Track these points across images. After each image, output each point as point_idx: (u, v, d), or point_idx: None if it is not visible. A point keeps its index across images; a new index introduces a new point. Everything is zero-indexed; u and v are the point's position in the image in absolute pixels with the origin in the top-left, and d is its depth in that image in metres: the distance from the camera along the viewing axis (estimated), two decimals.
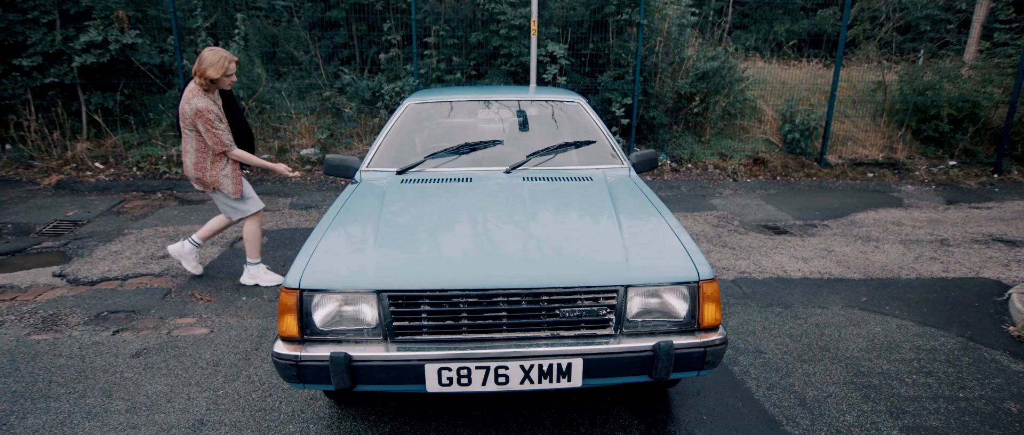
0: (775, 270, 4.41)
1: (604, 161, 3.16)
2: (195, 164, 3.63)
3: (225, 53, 3.50)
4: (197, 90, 3.49)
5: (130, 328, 3.35)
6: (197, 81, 3.49)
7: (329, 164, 3.14)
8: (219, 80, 3.50)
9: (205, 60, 3.45)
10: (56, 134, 7.09)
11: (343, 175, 3.11)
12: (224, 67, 3.47)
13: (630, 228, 2.29)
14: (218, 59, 3.45)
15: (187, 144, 3.61)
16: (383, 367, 1.89)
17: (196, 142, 3.57)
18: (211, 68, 3.43)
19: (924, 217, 5.99)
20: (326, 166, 3.14)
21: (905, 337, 3.39)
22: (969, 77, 8.54)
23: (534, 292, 1.94)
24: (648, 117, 7.68)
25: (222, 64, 3.46)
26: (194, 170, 3.65)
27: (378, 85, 7.53)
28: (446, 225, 2.32)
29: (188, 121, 3.50)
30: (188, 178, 3.70)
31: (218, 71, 3.45)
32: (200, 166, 3.62)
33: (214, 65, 3.44)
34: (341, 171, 3.11)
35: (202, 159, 3.61)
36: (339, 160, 3.12)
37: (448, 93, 3.78)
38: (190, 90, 3.51)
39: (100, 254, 4.57)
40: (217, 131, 3.50)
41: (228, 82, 3.56)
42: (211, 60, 3.44)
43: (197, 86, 3.50)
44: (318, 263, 2.02)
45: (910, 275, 4.38)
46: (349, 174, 3.07)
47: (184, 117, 3.51)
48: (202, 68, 3.45)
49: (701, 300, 1.99)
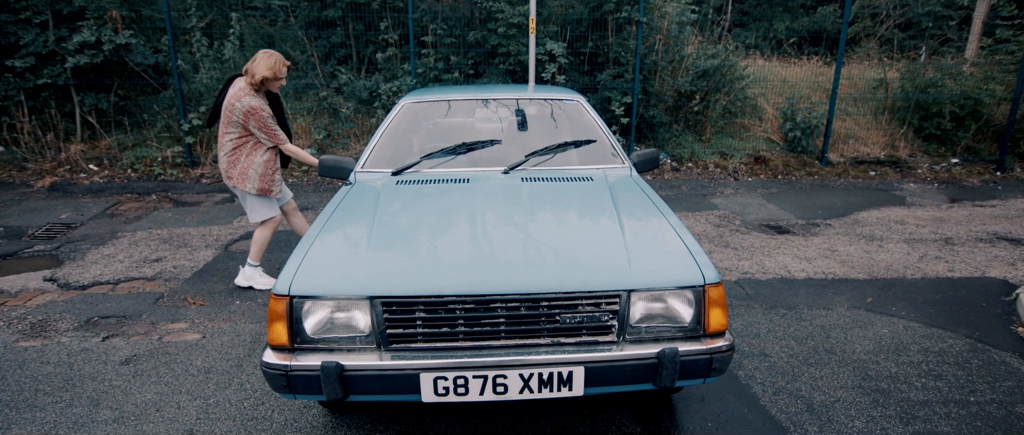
0: (778, 271, 4.34)
1: (605, 161, 3.09)
2: (229, 159, 3.65)
3: (279, 56, 3.54)
4: (248, 88, 3.52)
5: (120, 334, 3.28)
6: (248, 80, 3.52)
7: (323, 165, 3.06)
8: (270, 82, 3.53)
9: (258, 61, 3.49)
10: (50, 136, 7.02)
11: (338, 176, 3.03)
12: (276, 69, 3.50)
13: (632, 230, 2.21)
14: (272, 61, 3.49)
15: (225, 139, 3.62)
16: (376, 376, 1.81)
17: (236, 139, 3.60)
18: (264, 69, 3.47)
19: (928, 216, 5.92)
20: (320, 167, 3.07)
21: (912, 339, 3.32)
22: (971, 74, 8.48)
23: (533, 297, 1.86)
24: (648, 116, 7.61)
25: (275, 66, 3.49)
26: (226, 165, 3.66)
27: (375, 85, 7.46)
28: (442, 228, 2.24)
29: (236, 118, 3.52)
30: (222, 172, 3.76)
31: (271, 72, 3.49)
32: (233, 161, 3.64)
33: (267, 66, 3.48)
34: (335, 172, 3.03)
35: (236, 155, 3.63)
36: (334, 161, 3.04)
37: (445, 92, 3.70)
38: (240, 88, 3.52)
39: (92, 257, 4.49)
40: (272, 128, 3.56)
41: (278, 85, 3.59)
42: (265, 61, 3.47)
43: (247, 85, 3.52)
44: (309, 268, 1.94)
45: (915, 275, 4.31)
46: (344, 175, 2.99)
47: (230, 113, 3.52)
48: (254, 68, 3.49)
49: (707, 305, 1.91)
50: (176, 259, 4.45)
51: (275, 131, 3.59)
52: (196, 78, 7.03)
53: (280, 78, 3.55)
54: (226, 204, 6.01)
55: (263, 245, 3.88)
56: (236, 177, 3.64)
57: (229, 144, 3.61)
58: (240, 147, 3.60)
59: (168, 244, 4.80)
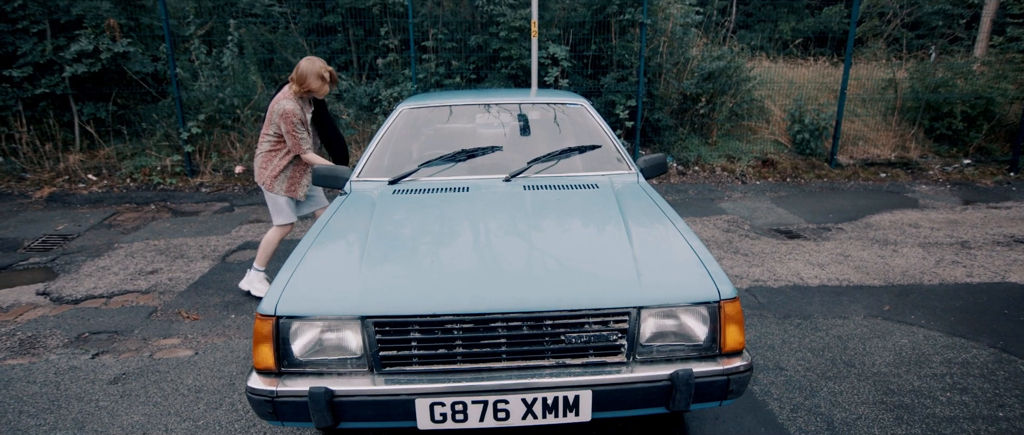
0: (791, 277, 4.20)
1: (610, 167, 2.97)
2: (262, 159, 3.71)
3: (321, 63, 3.56)
4: (289, 94, 3.58)
5: (111, 351, 3.17)
6: (291, 87, 3.58)
7: (317, 174, 2.96)
8: (313, 88, 3.55)
9: (300, 68, 3.53)
10: (48, 146, 6.94)
11: (332, 186, 2.92)
12: (318, 75, 3.53)
13: (641, 241, 2.08)
14: (313, 68, 3.52)
15: (263, 140, 3.71)
16: (368, 402, 1.69)
17: (273, 141, 3.66)
18: (307, 77, 3.51)
19: (942, 218, 5.77)
20: (314, 176, 2.97)
21: (934, 349, 3.18)
22: (982, 73, 8.32)
23: (536, 316, 1.74)
24: (653, 119, 7.48)
25: (317, 72, 3.53)
26: (257, 167, 3.73)
27: (376, 91, 7.36)
28: (440, 241, 2.12)
29: (274, 120, 3.60)
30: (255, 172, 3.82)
31: (313, 80, 3.52)
32: (264, 164, 3.70)
33: (308, 73, 3.51)
34: (330, 182, 2.92)
35: (270, 157, 3.69)
36: (328, 170, 2.93)
37: (444, 97, 3.59)
38: (283, 93, 3.62)
39: (87, 270, 4.40)
40: (297, 134, 3.57)
41: (323, 90, 3.60)
42: (305, 68, 3.52)
43: (290, 91, 3.59)
44: (297, 286, 1.82)
45: (933, 281, 4.16)
46: (339, 184, 2.88)
47: (271, 116, 3.62)
48: (297, 75, 3.53)
49: (722, 322, 1.78)
50: (172, 271, 4.35)
51: (300, 139, 3.60)
52: (195, 86, 6.95)
53: (325, 82, 3.57)
54: (225, 213, 5.91)
55: (270, 250, 3.87)
56: (266, 178, 3.71)
57: (265, 145, 3.67)
58: (275, 150, 3.67)
59: (165, 255, 4.70)
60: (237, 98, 6.97)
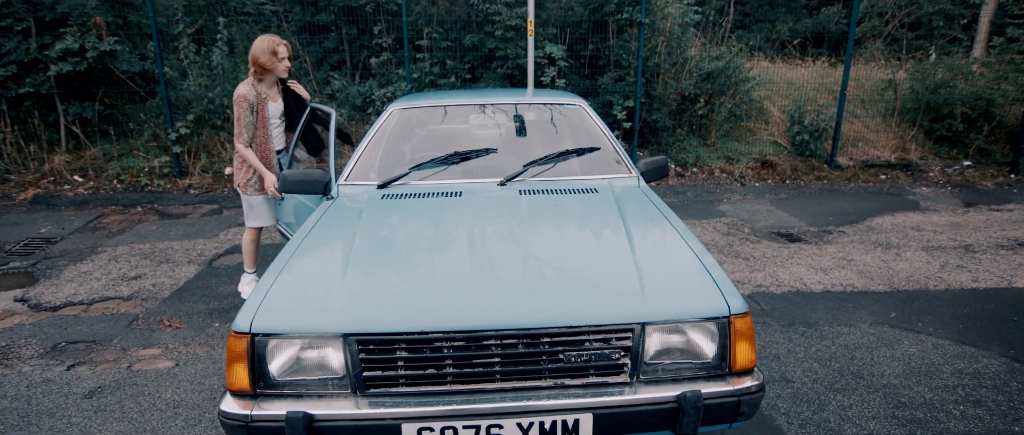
0: (793, 283, 4.09)
1: (610, 170, 2.84)
2: (236, 163, 3.49)
3: (273, 38, 3.32)
4: (249, 79, 3.38)
5: (88, 361, 3.03)
6: (250, 69, 3.38)
7: (287, 182, 2.65)
8: (265, 65, 3.31)
9: (253, 47, 3.31)
10: (33, 147, 6.78)
11: (309, 192, 2.68)
12: (271, 50, 3.28)
13: (645, 251, 1.96)
14: (263, 44, 3.29)
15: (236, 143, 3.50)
16: (351, 428, 1.56)
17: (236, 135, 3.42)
18: (257, 55, 3.28)
19: (944, 221, 5.67)
20: (282, 184, 2.66)
21: (944, 359, 3.07)
22: (981, 74, 8.24)
23: (533, 333, 1.61)
24: (651, 120, 7.37)
25: (267, 47, 3.28)
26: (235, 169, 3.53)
27: (369, 91, 7.23)
28: (430, 251, 2.00)
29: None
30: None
31: (264, 57, 3.28)
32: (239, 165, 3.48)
33: (258, 51, 3.28)
34: (304, 188, 2.65)
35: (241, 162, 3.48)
36: (301, 175, 2.66)
37: (437, 97, 3.44)
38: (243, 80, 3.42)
39: (68, 275, 4.25)
40: (241, 121, 3.31)
41: (282, 67, 3.36)
42: (255, 47, 3.30)
43: (250, 75, 3.38)
44: (274, 301, 1.69)
45: (938, 286, 4.06)
46: (317, 189, 2.67)
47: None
48: (251, 55, 3.32)
49: (733, 338, 1.66)
50: (156, 276, 4.21)
51: (242, 127, 3.30)
52: (184, 85, 6.80)
53: (281, 58, 3.32)
54: (214, 216, 5.77)
55: (251, 252, 3.69)
56: (241, 180, 3.48)
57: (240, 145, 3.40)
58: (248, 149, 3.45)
59: (149, 260, 4.55)
60: (227, 98, 6.82)
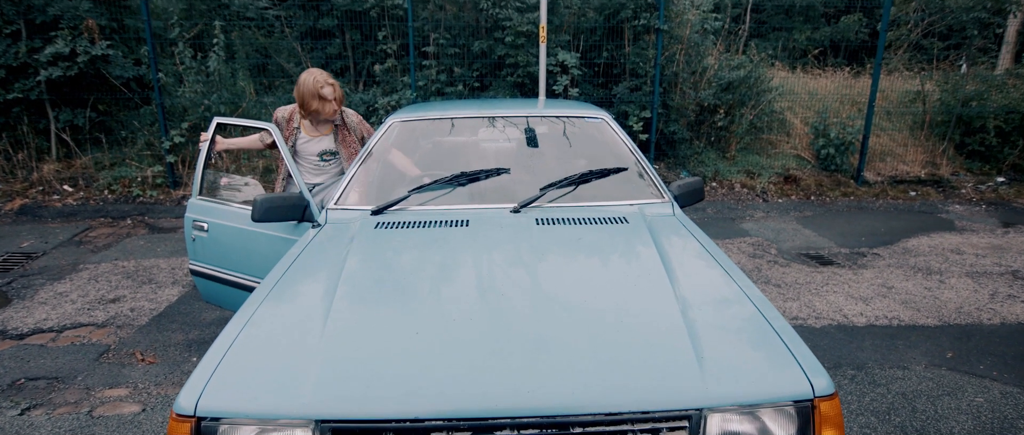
0: (833, 314, 3.72)
1: (639, 193, 2.48)
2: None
3: (319, 76, 2.83)
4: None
5: (45, 403, 2.69)
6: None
7: (260, 209, 2.25)
8: (315, 110, 2.86)
9: (298, 84, 2.85)
10: (21, 155, 6.49)
11: (287, 219, 2.32)
12: (315, 94, 2.81)
13: (696, 306, 1.58)
14: (309, 86, 2.81)
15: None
16: None
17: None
18: (303, 98, 2.84)
19: (984, 243, 5.28)
20: (256, 211, 2.26)
21: (1017, 411, 2.69)
22: (1015, 86, 7.84)
23: (559, 421, 1.25)
24: (668, 132, 7.01)
25: (313, 91, 2.81)
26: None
27: (373, 99, 6.90)
28: (429, 304, 1.64)
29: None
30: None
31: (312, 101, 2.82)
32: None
33: (304, 94, 2.82)
34: (280, 214, 2.30)
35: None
36: (279, 200, 2.30)
37: (441, 108, 3.06)
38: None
39: (43, 296, 3.93)
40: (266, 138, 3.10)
41: (329, 109, 2.88)
42: (303, 86, 2.82)
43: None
44: (228, 374, 1.33)
45: (993, 319, 3.67)
46: (296, 215, 2.31)
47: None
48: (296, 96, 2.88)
49: (817, 426, 1.29)
50: (136, 299, 3.88)
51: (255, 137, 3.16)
52: (179, 92, 6.50)
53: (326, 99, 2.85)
54: None
55: None
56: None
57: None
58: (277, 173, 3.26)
59: (132, 280, 4.23)
60: (224, 105, 6.51)
